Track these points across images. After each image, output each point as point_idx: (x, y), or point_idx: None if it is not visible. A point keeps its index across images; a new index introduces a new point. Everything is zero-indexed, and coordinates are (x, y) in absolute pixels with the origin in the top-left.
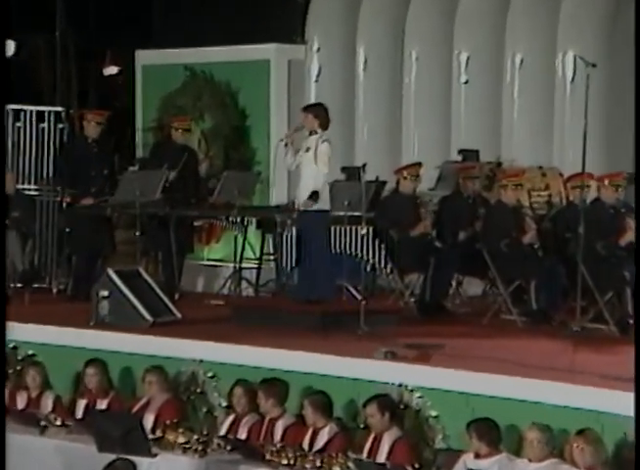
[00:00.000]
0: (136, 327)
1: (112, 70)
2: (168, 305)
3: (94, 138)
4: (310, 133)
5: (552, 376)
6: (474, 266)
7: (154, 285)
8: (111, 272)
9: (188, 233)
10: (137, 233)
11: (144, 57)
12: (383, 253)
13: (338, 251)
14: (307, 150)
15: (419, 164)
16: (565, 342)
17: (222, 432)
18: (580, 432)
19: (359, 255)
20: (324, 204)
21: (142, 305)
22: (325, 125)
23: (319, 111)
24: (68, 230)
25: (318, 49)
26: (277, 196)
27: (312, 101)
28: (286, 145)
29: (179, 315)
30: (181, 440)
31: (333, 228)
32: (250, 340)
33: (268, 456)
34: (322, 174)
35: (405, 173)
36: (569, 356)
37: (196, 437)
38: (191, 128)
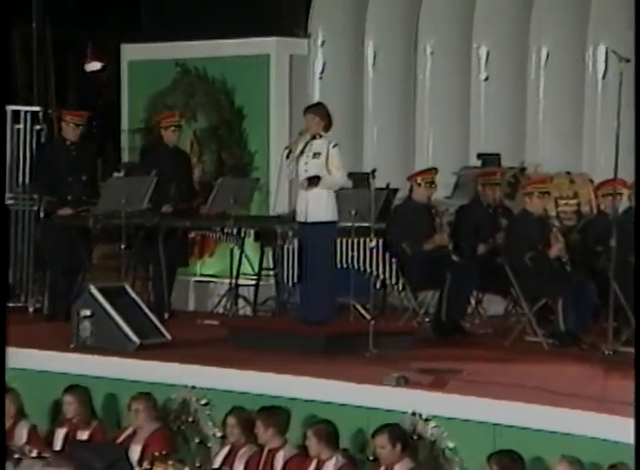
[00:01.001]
0: (121, 350)
1: (94, 65)
2: (157, 325)
3: (73, 141)
4: (314, 137)
5: (582, 404)
6: (495, 283)
7: (141, 303)
8: (93, 289)
9: (181, 245)
10: (122, 246)
11: (130, 51)
12: (394, 267)
13: (344, 265)
14: (316, 156)
15: (434, 170)
16: (596, 367)
17: (216, 464)
18: (613, 466)
19: (368, 270)
20: (330, 214)
21: (128, 325)
22: (329, 127)
23: (323, 111)
24: (45, 243)
25: (322, 43)
26: (277, 205)
27: (316, 100)
28: (289, 152)
29: (169, 337)
30: None
31: (339, 240)
32: (247, 364)
33: None
34: (339, 178)
35: (419, 180)
36: (600, 383)
37: (187, 469)
38: (181, 124)
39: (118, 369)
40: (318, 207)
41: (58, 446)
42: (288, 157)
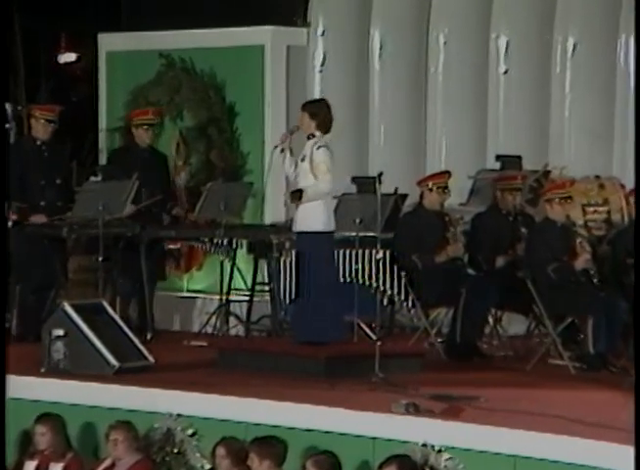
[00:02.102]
0: (99, 374)
1: (69, 56)
2: (139, 346)
3: (44, 140)
4: (308, 137)
5: (611, 436)
6: (515, 299)
7: (120, 322)
8: (67, 307)
9: (158, 256)
10: (100, 258)
11: (109, 41)
12: (403, 282)
13: (347, 280)
14: (303, 159)
15: (447, 174)
16: (627, 394)
17: None
18: None
19: (374, 284)
20: (321, 224)
21: (106, 346)
22: (325, 127)
23: (317, 109)
24: (13, 254)
25: (323, 32)
26: (273, 213)
27: (316, 95)
28: (282, 151)
29: (152, 360)
30: None
31: (342, 252)
32: (239, 390)
33: None
34: (322, 187)
35: (430, 184)
36: (632, 412)
37: None
38: (155, 123)
39: (95, 395)
40: (306, 216)
41: None
42: (282, 151)
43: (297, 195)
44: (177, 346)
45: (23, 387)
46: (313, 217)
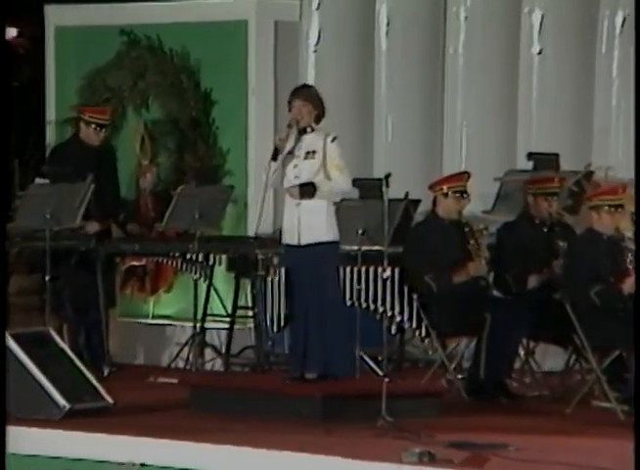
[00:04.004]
0: (45, 418)
1: (8, 32)
2: (94, 384)
3: None
4: (304, 131)
5: None
6: (551, 328)
7: (72, 355)
8: (7, 337)
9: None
10: (47, 277)
11: (58, 14)
12: (414, 306)
13: (348, 303)
14: (309, 155)
15: (466, 175)
16: None
17: None
18: None
19: (380, 309)
20: (332, 232)
21: (54, 384)
22: (321, 117)
23: (315, 97)
24: None
25: (319, 5)
26: (257, 222)
27: (310, 80)
28: (277, 153)
29: (110, 400)
30: None
31: (341, 270)
32: (216, 435)
33: None
34: (342, 183)
35: (445, 188)
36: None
37: None
38: (107, 124)
39: (40, 443)
40: (315, 223)
41: None
42: (275, 158)
43: (309, 190)
44: (141, 383)
45: None
46: (332, 223)
